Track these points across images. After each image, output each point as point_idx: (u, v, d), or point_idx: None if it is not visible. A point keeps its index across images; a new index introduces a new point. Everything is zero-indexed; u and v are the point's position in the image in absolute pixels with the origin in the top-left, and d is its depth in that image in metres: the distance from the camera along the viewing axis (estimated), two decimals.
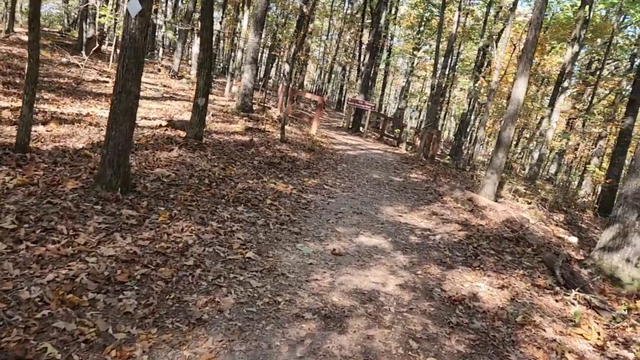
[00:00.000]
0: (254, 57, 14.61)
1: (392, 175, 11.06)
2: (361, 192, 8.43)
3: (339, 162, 11.15)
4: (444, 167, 14.76)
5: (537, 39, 9.38)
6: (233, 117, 13.32)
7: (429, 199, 9.00)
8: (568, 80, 22.99)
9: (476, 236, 6.92)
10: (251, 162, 8.29)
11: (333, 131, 18.82)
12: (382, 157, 14.22)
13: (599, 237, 9.74)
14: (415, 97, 35.95)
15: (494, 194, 9.85)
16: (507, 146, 9.71)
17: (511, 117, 9.47)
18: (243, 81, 14.73)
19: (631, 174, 5.89)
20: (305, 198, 7.16)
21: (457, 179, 12.63)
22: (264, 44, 30.10)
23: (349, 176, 9.74)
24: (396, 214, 7.44)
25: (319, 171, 9.37)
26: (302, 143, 11.93)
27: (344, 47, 37.29)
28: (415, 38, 29.31)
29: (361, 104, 19.60)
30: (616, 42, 23.17)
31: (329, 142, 14.48)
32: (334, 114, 31.97)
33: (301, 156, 10.23)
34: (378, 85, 37.60)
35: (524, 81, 9.32)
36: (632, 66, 25.35)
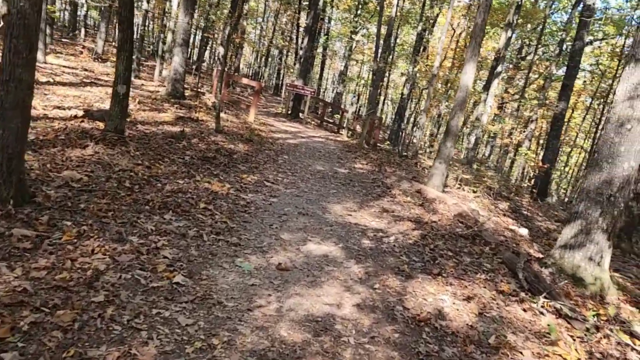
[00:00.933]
0: (184, 38, 13.42)
1: (336, 167, 10.40)
2: (306, 188, 7.71)
3: (279, 153, 10.35)
4: (387, 155, 14.30)
5: (486, 23, 8.94)
6: (162, 104, 12.15)
7: (378, 193, 8.42)
8: (502, 65, 23.24)
9: (431, 235, 6.38)
10: (182, 157, 7.33)
11: (271, 118, 17.92)
12: (324, 146, 13.54)
13: (546, 227, 9.58)
14: (353, 81, 35.52)
15: (442, 184, 9.42)
16: (456, 135, 9.29)
17: (460, 105, 9.02)
18: (173, 65, 13.52)
19: (593, 167, 5.51)
20: (244, 199, 6.34)
21: (402, 168, 12.17)
22: (197, 25, 28.49)
23: (291, 169, 8.98)
24: (345, 213, 6.78)
25: (258, 165, 8.54)
26: (240, 133, 11.01)
27: (280, 30, 36.15)
28: (352, 21, 28.70)
29: (300, 89, 18.80)
30: (544, 28, 23.58)
31: (268, 131, 13.62)
32: (272, 99, 30.95)
33: (239, 148, 9.35)
34: (316, 69, 36.85)
35: (473, 67, 8.87)
36: (561, 51, 26.04)
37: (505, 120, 22.38)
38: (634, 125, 5.16)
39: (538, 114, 25.63)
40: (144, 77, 18.50)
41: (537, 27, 27.44)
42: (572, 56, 17.33)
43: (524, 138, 25.32)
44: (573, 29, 26.18)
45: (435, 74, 14.53)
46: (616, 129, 5.27)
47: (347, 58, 28.88)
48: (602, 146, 5.42)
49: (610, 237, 5.47)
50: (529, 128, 25.81)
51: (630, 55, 5.23)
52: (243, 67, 47.07)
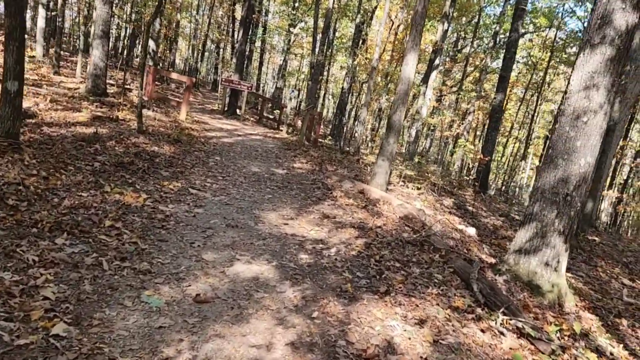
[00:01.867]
0: (104, 30, 12.14)
1: (274, 167, 9.61)
2: (238, 195, 6.86)
3: (211, 154, 9.43)
4: (328, 152, 13.64)
5: (427, 10, 8.40)
6: (81, 102, 10.90)
7: (318, 196, 7.70)
8: (439, 58, 23.18)
9: (376, 244, 5.73)
10: (91, 164, 6.30)
11: (207, 115, 16.84)
12: (262, 144, 12.69)
13: (492, 224, 9.20)
14: (293, 75, 34.71)
15: (386, 183, 8.84)
16: (399, 131, 8.71)
17: (402, 99, 8.45)
18: (93, 59, 12.22)
19: (548, 164, 5.01)
20: (162, 211, 5.43)
21: (344, 166, 11.54)
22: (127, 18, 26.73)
23: (223, 172, 8.10)
24: (281, 222, 6.01)
25: (184, 169, 7.60)
26: (167, 132, 9.98)
27: (216, 24, 34.75)
28: (290, 14, 27.86)
29: (236, 85, 17.81)
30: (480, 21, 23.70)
31: (201, 129, 12.61)
32: (210, 95, 29.66)
33: (163, 150, 8.36)
34: (255, 64, 35.70)
35: (414, 57, 8.31)
36: (495, 43, 26.33)
37: (445, 113, 22.29)
38: (590, 118, 4.69)
39: (475, 105, 25.86)
40: (65, 74, 16.91)
41: (472, 20, 27.72)
42: (508, 48, 17.31)
43: (463, 130, 25.47)
44: (506, 22, 26.60)
45: (375, 66, 13.99)
46: (571, 122, 4.79)
47: (286, 52, 28.02)
48: (556, 141, 4.93)
49: (567, 239, 5.01)
50: (466, 120, 25.99)
51: (585, 40, 4.75)
52: (179, 62, 45.13)
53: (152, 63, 20.58)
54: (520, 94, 29.29)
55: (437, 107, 26.85)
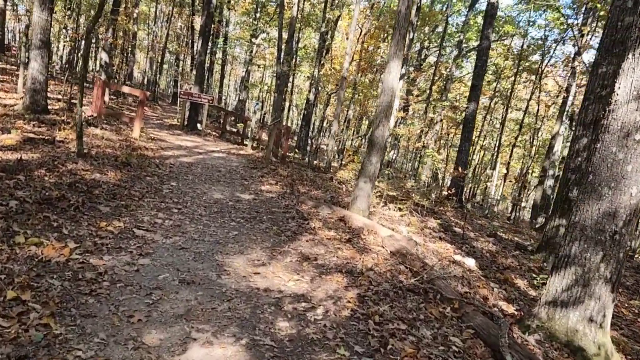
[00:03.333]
0: (43, 39, 10.57)
1: (239, 191, 8.29)
2: (196, 233, 5.52)
3: (166, 179, 8.04)
4: (298, 169, 12.40)
5: (411, 12, 7.32)
6: (14, 122, 9.32)
7: (293, 229, 6.42)
8: (405, 67, 22.43)
9: (372, 296, 4.51)
10: (5, 203, 4.85)
11: (165, 131, 15.34)
12: (226, 163, 11.34)
13: (487, 249, 8.14)
14: (256, 87, 33.38)
15: (368, 207, 7.66)
16: (382, 148, 7.56)
17: (384, 111, 7.31)
18: (31, 72, 10.62)
19: (589, 194, 3.93)
20: (94, 267, 4.06)
21: (317, 185, 10.32)
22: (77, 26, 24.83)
23: (179, 202, 6.73)
24: (251, 270, 4.71)
25: (131, 201, 6.20)
26: (115, 154, 8.53)
27: (175, 35, 33.13)
28: (252, 25, 26.59)
29: (197, 98, 16.39)
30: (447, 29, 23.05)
31: (157, 148, 11.16)
32: (169, 108, 27.99)
33: (107, 177, 6.93)
34: (216, 76, 34.18)
35: (398, 64, 7.20)
36: (460, 52, 25.83)
37: (414, 124, 21.46)
38: None
39: (442, 115, 25.21)
40: (6, 89, 15.13)
41: (435, 29, 27.18)
42: (479, 56, 16.53)
43: (430, 139, 24.75)
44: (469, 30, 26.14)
45: (345, 76, 12.89)
46: (619, 141, 3.72)
47: (249, 63, 26.70)
48: (599, 165, 3.85)
49: (615, 287, 3.92)
50: (434, 129, 25.29)
51: (635, 38, 3.69)
52: (137, 75, 43.06)
53: (105, 76, 18.92)
54: (485, 102, 28.86)
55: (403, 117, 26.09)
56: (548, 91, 25.63)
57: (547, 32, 24.25)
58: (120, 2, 20.56)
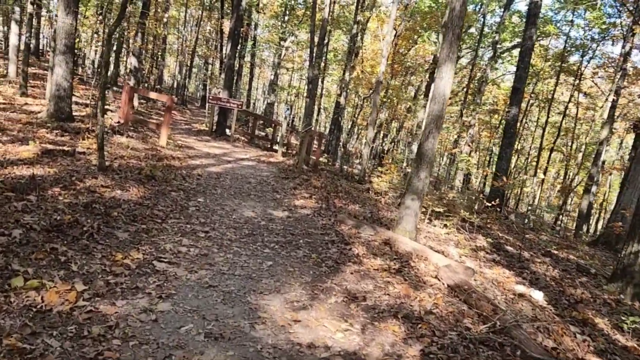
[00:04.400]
0: (67, 44, 10.02)
1: (271, 207, 7.49)
2: (225, 265, 4.72)
3: (193, 194, 7.30)
4: (332, 180, 11.55)
5: (466, 9, 6.41)
6: (37, 130, 8.77)
7: (334, 257, 5.56)
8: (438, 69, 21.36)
9: (438, 353, 3.62)
10: (8, 232, 4.14)
11: (193, 137, 14.71)
12: (256, 172, 10.58)
13: (550, 275, 7.13)
14: (284, 90, 32.73)
15: (416, 228, 6.76)
16: (431, 162, 6.64)
17: (435, 121, 6.40)
18: (55, 78, 10.08)
19: None
20: (103, 318, 3.29)
21: (353, 198, 9.47)
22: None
23: (206, 223, 5.96)
24: (290, 318, 3.88)
25: (154, 223, 5.45)
26: (139, 166, 7.85)
27: (204, 38, 32.72)
28: (281, 27, 25.94)
29: (225, 102, 15.72)
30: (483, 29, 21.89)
31: (184, 157, 10.48)
32: (198, 112, 27.53)
33: (129, 195, 6.22)
34: (245, 79, 33.62)
35: (451, 68, 6.29)
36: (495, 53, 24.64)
37: (450, 128, 20.40)
38: None
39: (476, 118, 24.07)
40: (35, 94, 14.77)
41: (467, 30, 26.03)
42: (522, 57, 15.37)
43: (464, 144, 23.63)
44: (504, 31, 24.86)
45: (381, 80, 12.00)
46: None
47: (277, 66, 26.01)
48: None
49: None
50: (468, 133, 24.15)
51: None
52: (167, 79, 42.97)
53: (135, 81, 18.46)
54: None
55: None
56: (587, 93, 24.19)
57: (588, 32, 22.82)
58: (149, 6, 20.11)
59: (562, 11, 24.14)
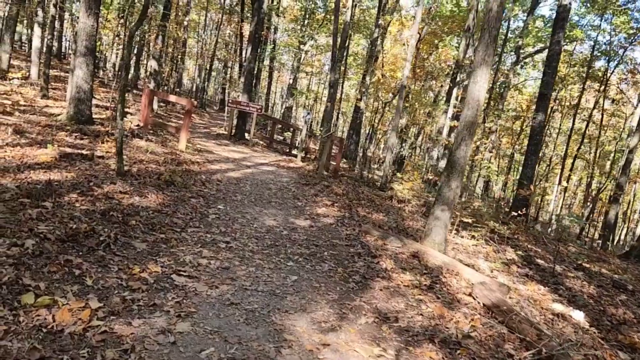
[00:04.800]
0: (88, 46, 9.89)
1: (293, 216, 7.20)
2: (248, 279, 4.43)
3: (213, 201, 7.05)
4: (352, 185, 11.23)
5: (502, 10, 6.05)
6: (56, 133, 8.62)
7: (362, 272, 5.23)
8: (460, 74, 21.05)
9: None
10: (21, 243, 3.91)
11: (212, 141, 14.52)
12: (276, 178, 10.32)
13: (586, 292, 6.71)
14: (303, 94, 32.52)
15: (445, 240, 6.40)
16: (463, 171, 6.29)
17: (468, 128, 6.05)
18: (75, 81, 9.95)
19: None
20: (118, 340, 3.02)
21: (377, 206, 9.14)
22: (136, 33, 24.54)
23: (227, 232, 5.69)
24: (318, 340, 3.56)
25: (173, 232, 5.19)
26: (158, 171, 7.63)
27: (224, 42, 32.70)
28: (301, 31, 25.75)
29: (245, 106, 15.52)
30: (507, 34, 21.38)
31: (204, 161, 10.27)
32: (217, 115, 27.47)
33: (147, 201, 5.98)
34: (263, 83, 33.47)
35: (486, 72, 5.94)
36: (518, 58, 24.14)
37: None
38: None
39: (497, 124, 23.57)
40: (56, 97, 14.73)
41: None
42: (549, 62, 14.87)
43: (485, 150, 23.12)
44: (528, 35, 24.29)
45: (405, 84, 11.66)
46: None
47: (296, 70, 25.80)
48: None
49: None
50: (489, 139, 23.63)
51: None
52: (187, 82, 43.11)
53: (154, 84, 18.38)
54: None
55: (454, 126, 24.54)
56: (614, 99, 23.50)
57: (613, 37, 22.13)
58: (170, 9, 20.05)
59: (587, 15, 23.56)
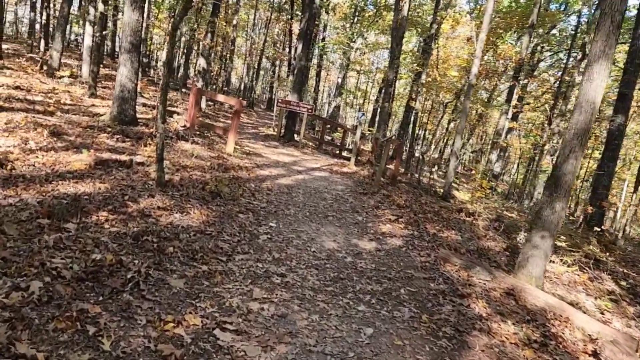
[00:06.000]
0: (133, 42, 9.15)
1: (355, 235, 6.10)
2: (311, 334, 3.35)
3: (263, 217, 6.05)
4: (413, 194, 10.03)
5: None
6: (97, 135, 7.89)
7: (451, 319, 4.06)
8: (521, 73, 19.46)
9: None
10: (26, 285, 3.01)
11: (260, 142, 13.63)
12: (330, 185, 9.26)
13: None
14: (351, 94, 31.34)
15: (544, 273, 5.15)
16: (569, 189, 5.01)
17: (580, 136, 4.78)
18: (119, 79, 9.24)
19: None
20: None
21: (445, 220, 7.92)
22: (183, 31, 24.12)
23: (280, 260, 4.65)
24: None
25: (218, 262, 4.20)
26: (203, 179, 6.72)
27: (272, 41, 31.96)
28: (351, 29, 24.59)
29: (295, 106, 14.55)
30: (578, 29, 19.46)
31: (253, 165, 9.34)
32: (264, 114, 26.73)
33: (189, 219, 5.04)
34: (311, 82, 32.51)
35: (606, 67, 4.66)
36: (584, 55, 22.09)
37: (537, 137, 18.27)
38: None
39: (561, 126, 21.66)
40: (103, 96, 14.23)
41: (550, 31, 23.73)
42: (631, 58, 13.12)
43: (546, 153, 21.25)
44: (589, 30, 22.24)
45: (473, 83, 10.33)
46: None
47: (346, 68, 24.67)
48: None
49: None
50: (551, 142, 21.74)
51: None
52: (235, 81, 42.78)
53: (203, 82, 17.73)
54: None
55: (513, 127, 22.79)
56: None
57: None
58: (219, 6, 19.37)
59: None
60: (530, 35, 18.52)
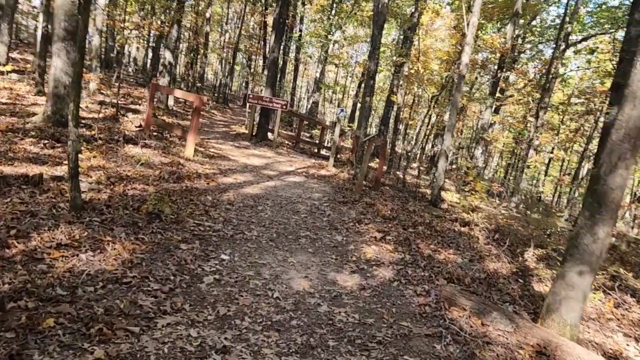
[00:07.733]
0: (68, 28, 7.59)
1: (333, 266, 4.71)
2: None
3: (214, 245, 4.60)
4: (399, 200, 8.69)
5: None
6: (20, 140, 6.37)
7: None
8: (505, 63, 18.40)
9: None
10: None
11: (230, 142, 12.14)
12: (305, 193, 7.85)
13: None
14: (330, 88, 29.88)
15: (581, 319, 3.85)
16: (617, 209, 3.69)
17: (631, 138, 3.49)
18: (53, 72, 7.67)
19: None
20: None
21: (438, 234, 6.60)
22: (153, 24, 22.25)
23: (226, 318, 3.23)
24: None
25: (125, 334, 2.78)
26: (142, 195, 5.25)
27: (247, 34, 30.30)
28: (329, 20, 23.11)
29: (268, 102, 13.08)
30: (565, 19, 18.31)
31: (215, 171, 7.88)
32: (240, 111, 25.13)
33: (103, 259, 3.58)
34: (288, 77, 30.89)
35: None
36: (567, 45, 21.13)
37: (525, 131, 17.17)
38: None
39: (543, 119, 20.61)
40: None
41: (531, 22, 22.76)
42: (628, 47, 11.94)
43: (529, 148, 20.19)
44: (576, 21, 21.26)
45: (464, 74, 9.02)
46: None
47: (324, 62, 23.23)
48: None
49: None
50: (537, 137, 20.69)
51: None
52: (211, 77, 40.88)
53: (169, 77, 16.07)
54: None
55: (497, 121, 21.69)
56: None
57: None
58: None
59: None
60: (515, 24, 17.36)
